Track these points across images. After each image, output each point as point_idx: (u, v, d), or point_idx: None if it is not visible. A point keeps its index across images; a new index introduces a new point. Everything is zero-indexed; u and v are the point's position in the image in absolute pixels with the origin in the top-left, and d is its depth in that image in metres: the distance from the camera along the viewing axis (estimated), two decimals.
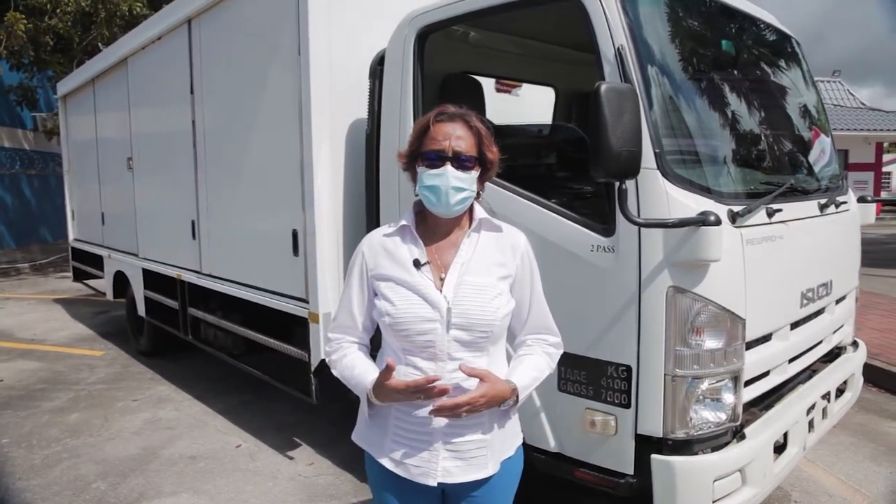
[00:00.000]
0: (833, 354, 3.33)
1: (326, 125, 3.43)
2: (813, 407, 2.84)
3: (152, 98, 5.58)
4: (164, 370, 6.08)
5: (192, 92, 4.73)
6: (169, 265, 5.41)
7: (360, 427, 1.82)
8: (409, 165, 1.75)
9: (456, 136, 1.66)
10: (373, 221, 3.31)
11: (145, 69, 5.63)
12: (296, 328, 3.78)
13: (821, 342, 3.07)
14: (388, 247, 1.73)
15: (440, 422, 1.64)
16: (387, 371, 1.57)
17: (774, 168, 2.96)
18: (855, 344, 3.57)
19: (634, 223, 2.11)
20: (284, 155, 3.68)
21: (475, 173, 1.68)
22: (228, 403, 5.11)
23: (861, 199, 3.52)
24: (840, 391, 3.21)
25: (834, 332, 3.22)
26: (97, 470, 3.96)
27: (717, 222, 2.11)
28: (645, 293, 2.24)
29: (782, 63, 3.26)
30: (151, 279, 5.85)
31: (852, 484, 3.55)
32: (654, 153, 2.20)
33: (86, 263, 8.10)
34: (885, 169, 29.12)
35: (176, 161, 5.09)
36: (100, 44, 12.87)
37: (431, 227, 1.75)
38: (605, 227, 2.33)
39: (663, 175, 2.21)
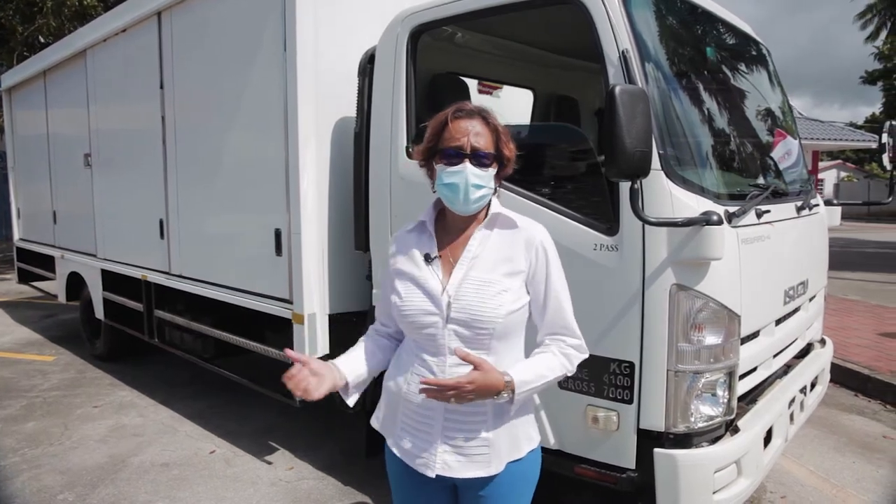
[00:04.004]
0: (803, 351, 3.48)
1: (312, 123, 3.38)
2: (793, 400, 2.97)
3: (116, 92, 5.36)
4: (124, 375, 5.85)
5: (161, 87, 4.57)
6: (133, 266, 5.20)
7: (379, 412, 1.86)
8: (427, 163, 1.74)
9: (475, 132, 1.65)
10: (361, 220, 3.28)
11: (107, 62, 5.40)
12: (278, 329, 3.70)
13: (796, 339, 3.21)
14: (407, 242, 1.78)
15: (438, 413, 1.66)
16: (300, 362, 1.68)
17: (760, 170, 3.08)
18: (822, 341, 3.74)
19: (647, 222, 2.15)
20: (267, 152, 3.60)
21: (493, 170, 1.68)
22: (196, 408, 4.95)
23: (828, 203, 3.70)
24: (812, 385, 3.36)
25: (807, 329, 3.37)
26: (62, 480, 3.78)
27: (720, 222, 2.19)
28: (649, 291, 2.29)
29: (763, 71, 3.40)
30: (111, 280, 5.62)
31: (821, 474, 3.72)
32: (659, 154, 2.25)
33: (32, 264, 7.71)
34: (819, 176, 30.69)
35: (143, 158, 4.91)
36: (40, 36, 12.35)
37: (450, 224, 1.76)
38: (608, 226, 2.38)
39: (667, 175, 2.27)
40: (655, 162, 2.24)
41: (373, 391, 1.95)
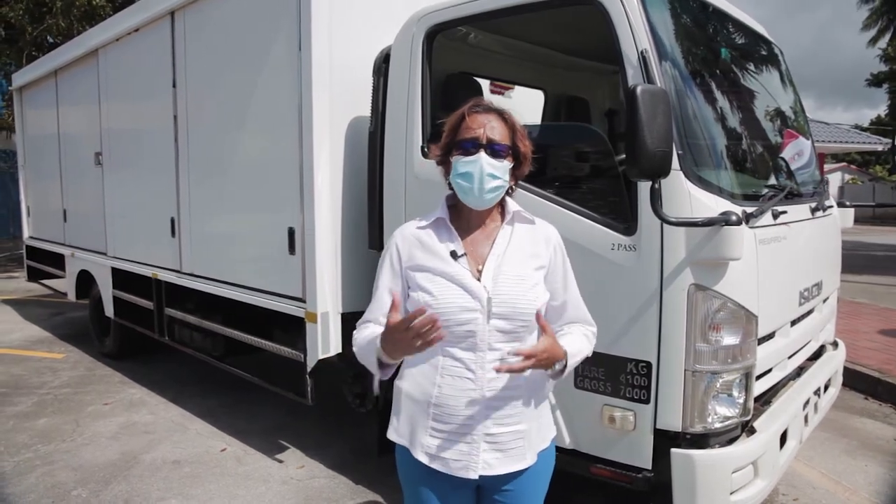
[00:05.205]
0: (815, 353, 3.47)
1: (327, 122, 3.38)
2: (807, 402, 2.96)
3: (127, 91, 5.38)
4: (133, 373, 5.87)
5: (174, 86, 4.59)
6: (143, 264, 5.22)
7: (396, 423, 1.80)
8: (444, 159, 1.75)
9: (490, 125, 1.67)
10: (375, 219, 3.29)
11: (120, 61, 5.42)
12: (290, 328, 3.70)
13: (810, 341, 3.20)
14: (423, 239, 1.73)
15: (479, 412, 1.65)
16: (393, 307, 1.52)
17: (775, 171, 3.08)
18: (835, 343, 3.74)
19: (668, 222, 2.16)
20: (281, 152, 3.61)
21: (508, 163, 1.69)
22: (206, 406, 4.97)
23: (841, 204, 3.70)
24: (825, 387, 3.36)
25: (820, 331, 3.37)
26: (75, 476, 3.79)
27: (739, 222, 2.19)
28: (667, 291, 2.29)
29: (776, 71, 3.40)
30: (122, 279, 5.64)
31: (833, 477, 3.71)
32: (677, 154, 2.25)
33: (42, 262, 7.74)
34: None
35: (154, 156, 4.92)
36: (49, 36, 12.41)
37: (465, 220, 1.76)
38: (626, 226, 2.38)
39: (685, 175, 2.28)
40: (674, 162, 2.24)
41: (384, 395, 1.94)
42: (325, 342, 3.44)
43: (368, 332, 1.74)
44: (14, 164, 9.75)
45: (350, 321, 3.44)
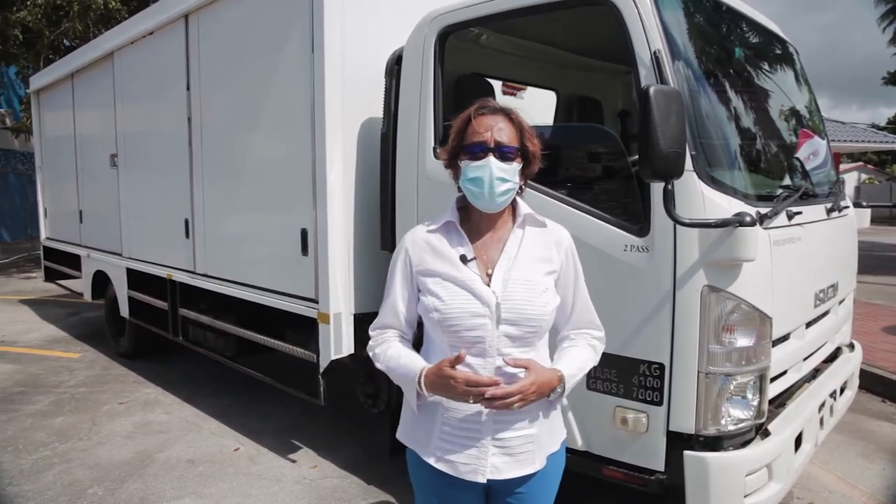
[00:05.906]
0: (831, 355, 3.44)
1: (339, 123, 3.40)
2: (823, 404, 2.93)
3: (142, 94, 5.44)
4: (148, 372, 5.93)
5: (188, 88, 4.63)
6: (158, 265, 5.27)
7: (406, 425, 1.81)
8: (452, 162, 1.75)
9: (497, 127, 1.66)
10: (387, 220, 3.30)
11: (134, 64, 5.48)
12: (303, 329, 3.72)
13: (826, 343, 3.17)
14: (433, 242, 1.73)
15: (489, 417, 1.64)
16: (456, 359, 1.55)
17: (789, 171, 3.06)
18: (851, 345, 3.69)
19: (681, 223, 2.15)
20: (294, 153, 3.64)
21: (517, 165, 1.68)
22: (219, 406, 5.00)
23: (857, 205, 3.66)
24: (841, 390, 3.32)
25: (836, 333, 3.33)
26: (92, 475, 3.84)
27: (753, 223, 2.17)
28: (680, 292, 2.28)
29: (791, 71, 3.37)
30: (137, 279, 5.70)
31: (850, 481, 3.67)
32: (691, 155, 2.24)
33: (59, 263, 7.84)
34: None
35: (169, 158, 4.97)
36: (65, 39, 12.55)
37: (475, 223, 1.75)
38: (639, 227, 2.37)
39: (699, 176, 2.26)
40: (687, 163, 2.23)
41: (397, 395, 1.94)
42: (337, 343, 3.46)
43: (394, 351, 1.74)
44: (32, 166, 9.88)
45: (362, 322, 3.46)
